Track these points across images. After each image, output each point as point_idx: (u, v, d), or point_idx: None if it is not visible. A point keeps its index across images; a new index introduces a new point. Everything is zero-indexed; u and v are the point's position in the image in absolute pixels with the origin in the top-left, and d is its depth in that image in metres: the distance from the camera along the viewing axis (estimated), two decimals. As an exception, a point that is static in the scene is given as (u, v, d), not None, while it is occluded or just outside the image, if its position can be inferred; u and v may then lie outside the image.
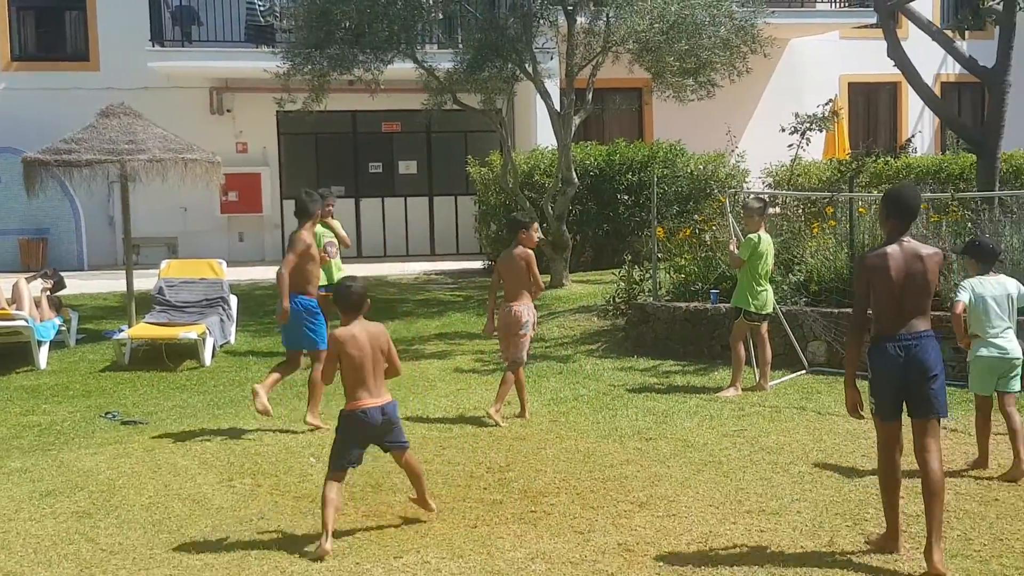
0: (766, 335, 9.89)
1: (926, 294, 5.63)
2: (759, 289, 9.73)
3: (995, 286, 7.27)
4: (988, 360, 7.22)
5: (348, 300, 6.23)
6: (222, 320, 12.67)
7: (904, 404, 5.69)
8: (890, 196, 5.82)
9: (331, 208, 12.37)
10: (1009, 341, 7.22)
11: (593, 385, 10.19)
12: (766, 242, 9.82)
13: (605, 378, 10.50)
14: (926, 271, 5.60)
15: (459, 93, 15.66)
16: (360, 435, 6.15)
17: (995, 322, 7.19)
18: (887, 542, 5.78)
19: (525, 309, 8.83)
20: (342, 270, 12.34)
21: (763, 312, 9.81)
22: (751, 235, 9.74)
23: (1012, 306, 7.26)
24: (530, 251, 8.89)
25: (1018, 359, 7.24)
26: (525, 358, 9.04)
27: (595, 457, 7.71)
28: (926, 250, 5.67)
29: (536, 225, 9.09)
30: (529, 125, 20.01)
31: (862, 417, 5.79)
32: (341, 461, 6.14)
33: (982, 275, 7.35)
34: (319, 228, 12.19)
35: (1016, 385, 7.33)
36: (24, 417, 9.47)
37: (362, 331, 6.15)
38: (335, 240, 12.24)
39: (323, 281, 12.16)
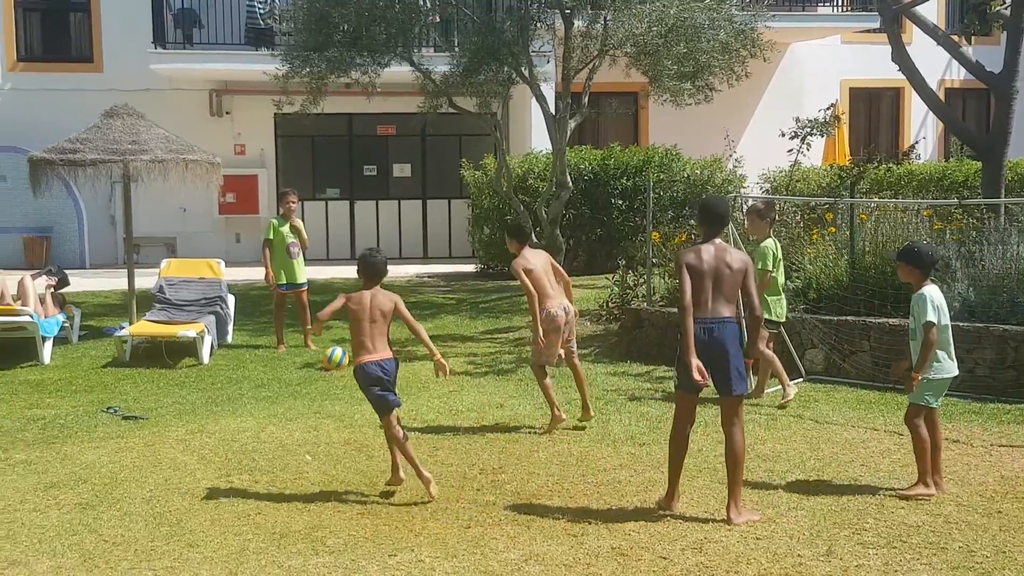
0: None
1: (732, 286, 6.53)
2: (779, 296, 9.68)
3: (942, 297, 7.00)
4: (944, 381, 6.98)
5: (370, 269, 7.10)
6: (220, 319, 12.80)
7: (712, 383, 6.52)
8: (702, 206, 6.90)
9: (293, 205, 12.59)
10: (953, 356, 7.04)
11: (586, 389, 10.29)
12: (778, 248, 9.71)
13: (598, 383, 10.58)
14: (732, 267, 6.50)
15: (455, 96, 15.76)
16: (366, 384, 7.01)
17: (948, 336, 6.98)
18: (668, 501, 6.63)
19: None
20: (304, 270, 12.63)
21: (783, 320, 9.82)
22: (765, 243, 9.56)
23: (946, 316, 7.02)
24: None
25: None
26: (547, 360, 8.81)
27: (588, 461, 7.80)
28: (734, 252, 6.66)
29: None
30: (524, 129, 20.13)
31: (707, 384, 6.43)
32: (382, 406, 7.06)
33: (918, 285, 6.97)
34: (284, 229, 12.47)
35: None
36: (29, 411, 9.60)
37: (371, 296, 7.01)
38: (297, 241, 12.49)
39: (283, 279, 12.49)
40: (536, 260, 8.72)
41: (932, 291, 6.95)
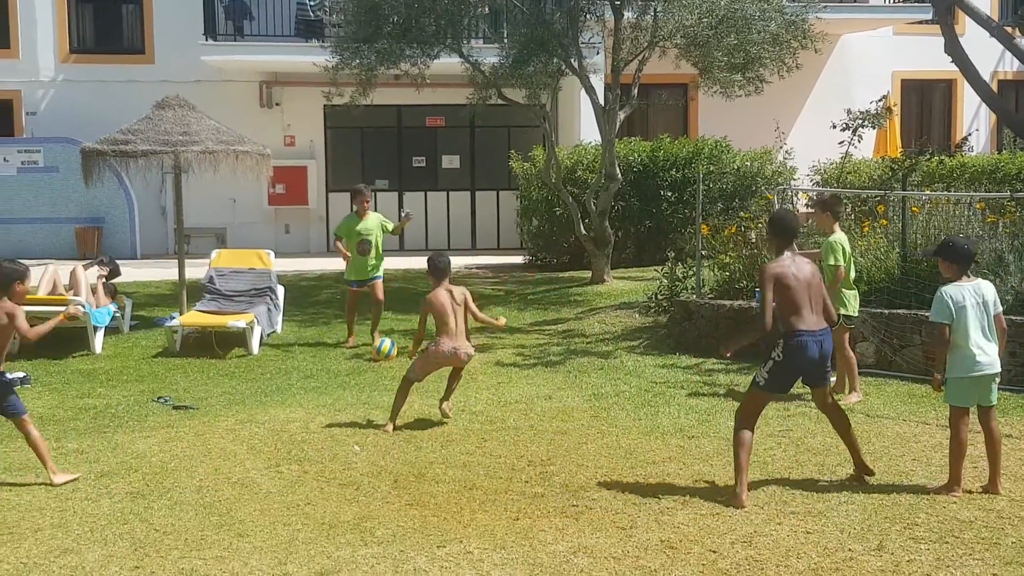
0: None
1: (819, 295, 6.82)
2: (854, 291, 9.41)
3: (974, 292, 6.70)
4: (971, 380, 6.69)
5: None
6: (269, 309, 12.85)
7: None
8: (774, 220, 7.07)
9: (367, 204, 12.48)
10: (988, 354, 6.68)
11: (635, 382, 10.24)
12: (847, 242, 9.34)
13: (647, 375, 10.56)
14: (814, 280, 6.79)
15: (504, 88, 15.73)
16: None
17: (973, 335, 6.64)
18: (734, 498, 6.62)
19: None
20: (377, 264, 12.47)
21: (856, 314, 9.54)
22: (835, 238, 9.13)
23: (989, 313, 6.70)
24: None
25: (997, 372, 6.74)
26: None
27: (637, 454, 7.76)
28: (808, 262, 6.90)
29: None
30: (573, 120, 20.08)
31: (725, 356, 7.11)
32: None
33: (955, 280, 6.73)
34: (358, 227, 12.30)
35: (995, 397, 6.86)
36: (80, 400, 9.72)
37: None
38: (370, 239, 12.29)
39: (354, 276, 12.39)
40: (444, 297, 8.95)
41: (953, 290, 6.69)
